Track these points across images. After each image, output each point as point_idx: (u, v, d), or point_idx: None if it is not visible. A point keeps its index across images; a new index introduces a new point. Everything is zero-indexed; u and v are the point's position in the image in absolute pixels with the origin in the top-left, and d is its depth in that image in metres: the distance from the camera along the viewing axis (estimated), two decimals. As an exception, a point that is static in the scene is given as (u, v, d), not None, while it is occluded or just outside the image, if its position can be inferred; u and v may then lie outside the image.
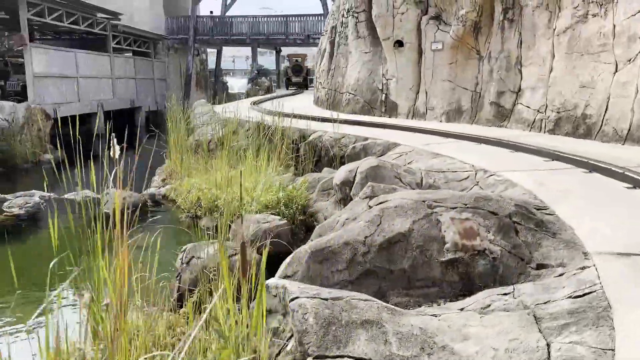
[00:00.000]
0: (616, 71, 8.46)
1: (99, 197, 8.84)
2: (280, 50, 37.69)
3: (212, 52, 45.33)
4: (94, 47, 24.36)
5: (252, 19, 31.16)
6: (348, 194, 6.24)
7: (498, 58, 11.05)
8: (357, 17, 14.14)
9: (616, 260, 3.43)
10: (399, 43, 12.91)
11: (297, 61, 29.60)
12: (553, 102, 9.71)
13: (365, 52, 14.02)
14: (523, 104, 10.50)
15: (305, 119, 10.89)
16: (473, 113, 11.70)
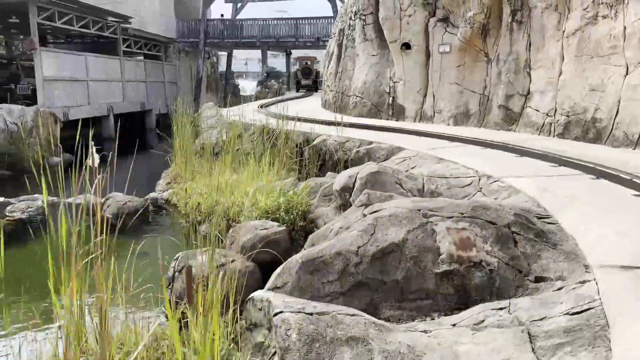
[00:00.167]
0: (627, 74, 8.25)
1: (101, 201, 8.70)
2: (290, 52, 37.65)
3: (225, 55, 45.47)
4: (106, 51, 24.51)
5: (262, 22, 31.15)
6: (348, 200, 6.12)
7: (506, 60, 10.86)
8: (365, 20, 14.02)
9: (618, 273, 3.27)
10: (406, 45, 12.77)
11: (307, 64, 29.54)
12: (562, 106, 9.51)
13: (372, 55, 13.89)
14: (532, 108, 10.30)
15: (309, 123, 10.78)
16: (481, 116, 11.51)
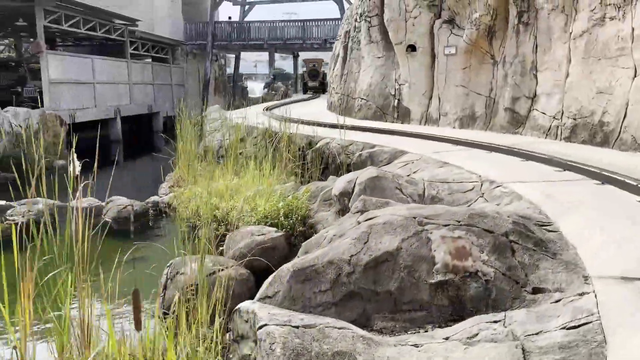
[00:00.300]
0: (635, 76, 8.07)
1: (103, 205, 8.65)
2: (298, 55, 37.62)
3: (234, 57, 45.51)
4: (114, 53, 24.61)
5: (270, 24, 31.14)
6: (347, 206, 6.02)
7: (513, 63, 10.71)
8: (370, 22, 13.91)
9: (618, 285, 3.14)
10: (412, 47, 12.65)
11: (314, 66, 29.47)
12: (569, 109, 9.34)
13: (377, 57, 13.77)
14: (538, 110, 10.14)
15: (312, 125, 10.69)
16: (487, 119, 11.36)
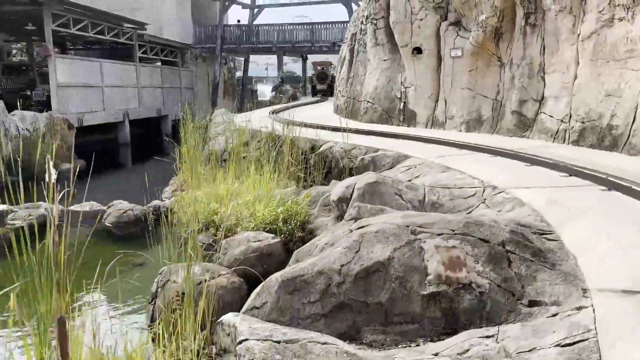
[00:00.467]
0: (644, 78, 7.88)
1: (104, 209, 8.58)
2: (306, 57, 37.57)
3: (245, 61, 45.54)
4: (124, 57, 24.71)
5: (279, 27, 31.11)
6: (345, 211, 5.90)
7: (520, 65, 10.53)
8: (376, 24, 13.79)
9: (619, 299, 2.99)
10: (418, 50, 12.50)
11: (323, 69, 29.40)
12: (577, 112, 9.15)
13: (383, 60, 13.64)
14: (546, 113, 9.94)
15: (315, 129, 10.58)
16: (494, 122, 11.18)
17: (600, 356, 2.44)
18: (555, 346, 2.64)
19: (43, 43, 17.70)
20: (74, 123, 18.12)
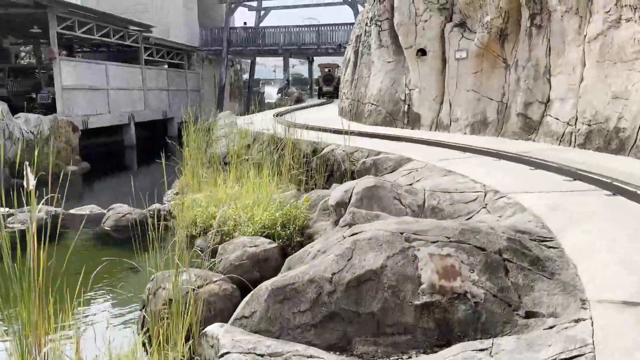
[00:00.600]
0: (652, 80, 7.72)
1: (104, 212, 8.48)
2: (312, 60, 37.50)
3: (253, 63, 45.50)
4: (131, 59, 24.75)
5: (285, 29, 31.07)
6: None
7: (525, 67, 10.37)
8: (380, 26, 13.68)
9: (619, 311, 2.86)
10: (422, 52, 12.38)
11: (329, 71, 29.31)
12: (583, 114, 8.98)
13: (388, 62, 13.52)
14: (552, 116, 9.78)
15: (317, 131, 10.49)
16: (499, 125, 11.03)
17: (596, 373, 2.32)
18: (550, 361, 2.52)
19: (48, 46, 17.75)
20: (79, 125, 18.14)
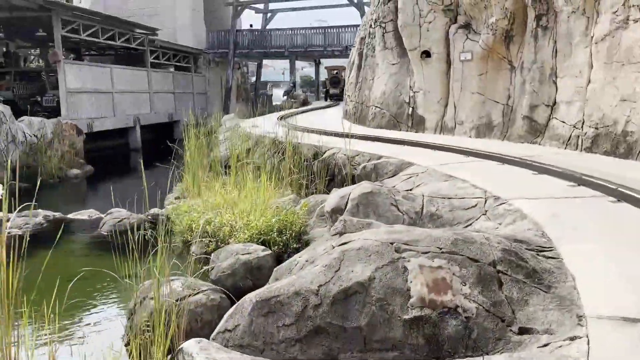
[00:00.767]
0: (660, 82, 7.51)
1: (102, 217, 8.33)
2: (319, 62, 37.41)
3: (264, 65, 45.41)
4: (138, 62, 24.76)
5: (291, 32, 30.99)
6: (339, 223, 5.65)
7: (531, 69, 10.18)
8: (384, 28, 13.53)
9: (617, 329, 2.69)
10: (426, 53, 12.21)
11: (336, 73, 29.20)
12: (590, 117, 8.78)
13: (392, 64, 13.37)
14: (558, 119, 9.58)
15: (319, 134, 10.35)
16: (504, 128, 10.83)
17: (590, 400, 2.16)
18: (542, 384, 2.36)
19: (53, 49, 17.79)
20: (84, 129, 18.13)
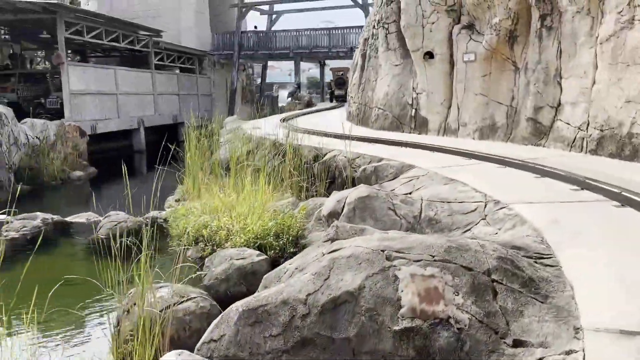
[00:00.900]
0: (667, 83, 7.35)
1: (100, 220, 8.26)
2: (324, 63, 37.31)
3: (270, 66, 45.24)
4: (143, 64, 24.75)
5: (296, 33, 30.91)
6: (336, 228, 5.54)
7: (535, 69, 10.02)
8: (387, 29, 13.41)
9: (615, 342, 2.57)
10: (429, 54, 12.07)
11: (342, 74, 29.09)
12: (595, 119, 8.62)
13: (395, 65, 13.24)
14: (562, 121, 9.42)
15: (319, 136, 10.25)
16: (508, 130, 10.68)
17: (583, 421, 2.04)
18: (534, 402, 2.24)
19: (57, 51, 17.81)
20: (87, 130, 18.13)
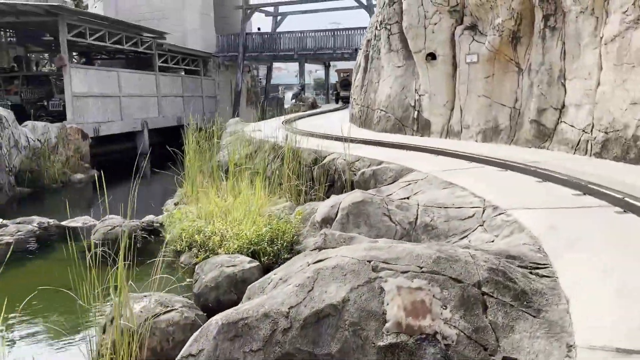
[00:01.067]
0: (672, 85, 7.15)
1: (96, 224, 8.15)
2: (329, 64, 37.21)
3: (277, 68, 45.24)
4: (148, 66, 24.73)
5: (300, 35, 30.82)
6: (329, 234, 5.40)
7: (539, 71, 9.84)
8: (390, 30, 13.26)
9: (610, 362, 2.42)
10: (432, 56, 11.92)
11: (347, 76, 28.98)
12: (600, 121, 8.43)
13: (397, 67, 13.09)
14: (567, 123, 9.23)
15: (319, 138, 10.11)
16: (511, 132, 10.50)
17: None
18: None
19: (58, 53, 17.80)
20: (90, 133, 18.09)
